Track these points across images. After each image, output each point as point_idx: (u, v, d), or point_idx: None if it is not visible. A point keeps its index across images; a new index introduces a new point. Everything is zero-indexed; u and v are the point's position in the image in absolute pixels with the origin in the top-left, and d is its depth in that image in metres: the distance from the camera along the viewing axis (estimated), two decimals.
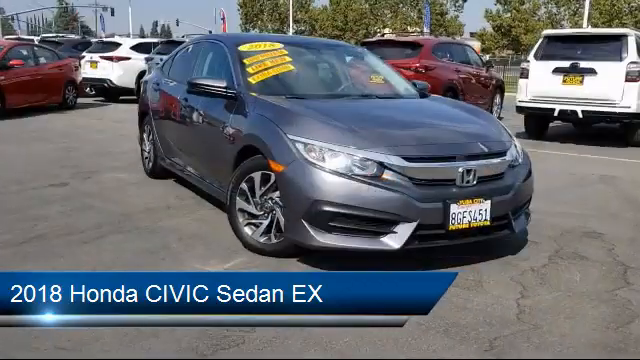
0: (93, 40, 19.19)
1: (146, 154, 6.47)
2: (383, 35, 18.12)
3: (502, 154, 3.88)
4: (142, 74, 15.69)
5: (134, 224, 4.68)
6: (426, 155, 3.56)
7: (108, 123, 11.55)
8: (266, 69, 4.62)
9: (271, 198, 3.88)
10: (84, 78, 15.02)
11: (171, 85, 5.76)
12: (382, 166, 3.46)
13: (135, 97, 15.92)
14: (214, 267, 3.77)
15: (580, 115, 9.77)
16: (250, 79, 4.52)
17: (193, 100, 4.97)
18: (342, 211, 3.42)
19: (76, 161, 7.35)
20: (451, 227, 3.52)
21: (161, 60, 14.80)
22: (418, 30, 40.46)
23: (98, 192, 5.76)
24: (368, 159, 3.47)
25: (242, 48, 4.85)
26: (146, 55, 15.63)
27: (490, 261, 3.96)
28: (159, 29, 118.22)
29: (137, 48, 16.51)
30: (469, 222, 3.57)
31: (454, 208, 3.49)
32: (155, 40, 18.14)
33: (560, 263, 4.00)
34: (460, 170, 3.56)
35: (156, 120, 6.01)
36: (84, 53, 16.50)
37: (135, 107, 7.11)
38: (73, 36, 22.76)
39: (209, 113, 4.73)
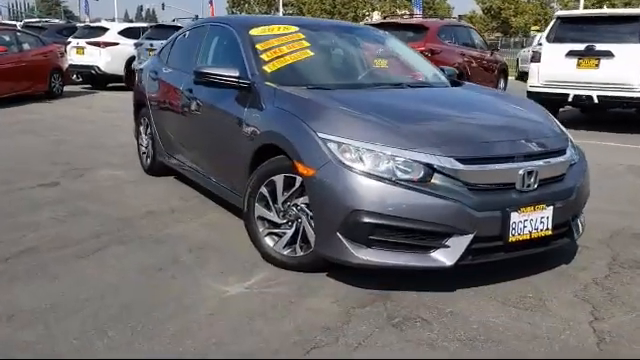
0: (79, 25, 18.42)
1: (143, 149, 5.93)
2: (385, 17, 17.53)
3: (562, 152, 3.39)
4: (131, 60, 15.10)
5: (136, 232, 4.16)
6: (482, 155, 3.06)
7: (98, 113, 10.94)
8: (282, 56, 4.09)
9: (296, 205, 3.38)
10: (70, 65, 14.35)
11: (172, 74, 5.21)
12: (431, 169, 2.97)
13: (124, 84, 15.35)
14: (234, 286, 3.27)
15: (596, 100, 9.32)
16: (265, 67, 3.99)
17: (199, 91, 4.44)
18: (385, 222, 2.93)
19: (67, 156, 6.79)
20: (511, 239, 3.04)
21: (151, 45, 14.30)
22: (407, 13, 39.76)
23: (93, 193, 5.22)
24: (414, 161, 2.97)
25: (254, 32, 4.32)
26: (135, 40, 14.97)
27: (544, 273, 3.50)
28: (144, 14, 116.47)
29: (125, 33, 15.80)
30: (530, 232, 3.09)
31: (514, 217, 3.01)
32: (144, 25, 17.42)
33: (623, 273, 3.54)
34: (520, 172, 3.07)
35: (155, 113, 5.47)
36: (70, 39, 15.79)
37: (125, 95, 6.62)
38: (57, 21, 21.91)
39: (218, 106, 4.20)
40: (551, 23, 10.12)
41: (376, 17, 45.11)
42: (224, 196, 4.32)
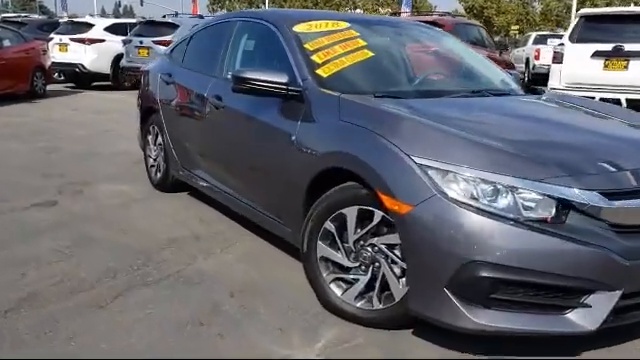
0: (61, 20, 17.42)
1: (152, 161, 5.19)
2: (395, 14, 16.87)
3: None
4: (118, 58, 14.24)
5: (160, 269, 3.44)
6: (628, 188, 2.40)
7: (87, 115, 10.10)
8: (337, 57, 3.40)
9: (373, 245, 2.70)
10: (53, 62, 13.44)
11: (191, 77, 4.48)
12: (565, 206, 2.31)
13: (110, 83, 14.48)
14: (301, 350, 2.58)
15: (624, 104, 8.76)
16: (319, 71, 3.30)
17: (231, 98, 3.73)
18: (511, 277, 2.26)
19: (60, 167, 6.01)
20: None
21: (141, 43, 13.45)
22: (390, 11, 39.13)
23: (97, 214, 4.48)
24: (545, 195, 2.30)
25: (298, 29, 3.62)
26: (123, 37, 14.10)
27: None
28: (121, 9, 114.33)
29: (112, 29, 14.89)
30: None
31: None
32: (132, 21, 16.48)
33: None
34: None
35: (169, 121, 4.74)
36: (52, 35, 14.86)
37: (112, 95, 5.93)
38: (37, 16, 20.84)
39: (259, 118, 3.48)
40: (574, 22, 9.57)
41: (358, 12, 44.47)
42: (265, 225, 3.62)
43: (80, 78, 14.79)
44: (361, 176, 2.65)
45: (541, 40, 21.25)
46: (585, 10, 9.97)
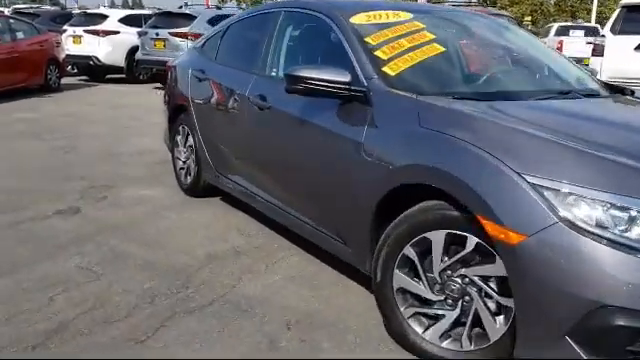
0: (75, 12, 16.99)
1: (181, 163, 4.79)
2: None
3: None
4: (133, 50, 13.83)
5: (202, 293, 3.04)
6: None
7: (104, 110, 9.72)
8: (405, 52, 2.98)
9: (463, 276, 2.29)
10: (66, 55, 13.06)
11: (228, 74, 4.08)
12: None
13: (124, 76, 14.09)
14: None
15: None
16: (386, 69, 2.87)
17: (277, 98, 3.33)
18: None
19: (80, 168, 5.63)
20: None
21: (157, 35, 13.01)
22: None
23: (125, 224, 4.09)
24: None
25: (356, 20, 3.20)
26: (138, 29, 13.69)
27: None
28: (130, 1, 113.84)
29: (126, 21, 14.48)
30: None
31: None
32: (147, 12, 16.07)
33: None
34: None
35: (202, 121, 4.34)
36: (66, 26, 14.48)
37: (127, 88, 5.62)
38: (49, 8, 20.42)
39: (315, 122, 3.06)
40: (615, 13, 9.07)
41: None
42: (317, 241, 3.21)
43: (94, 71, 14.42)
44: (453, 195, 2.24)
45: (563, 31, 20.68)
46: (627, 0, 9.44)
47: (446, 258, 2.33)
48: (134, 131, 7.74)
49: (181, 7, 15.51)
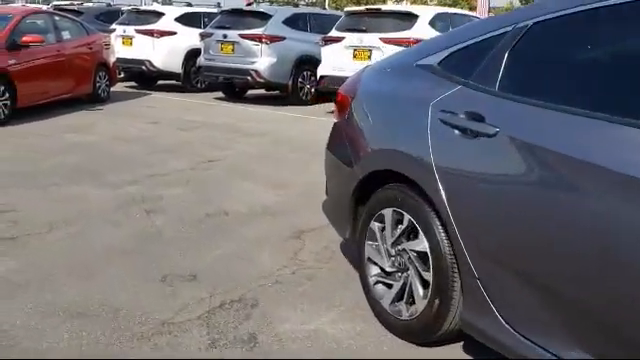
0: (124, 8, 14.94)
1: (381, 274, 2.63)
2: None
3: None
4: (190, 54, 11.77)
5: None
6: None
7: (173, 131, 7.63)
8: None
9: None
10: (117, 59, 11.06)
11: (556, 125, 1.90)
12: None
13: (180, 84, 12.03)
14: None
15: None
16: None
17: None
18: None
19: (172, 248, 3.56)
20: None
21: (224, 37, 10.84)
22: None
23: None
24: None
25: None
26: (201, 30, 11.64)
27: None
28: None
29: (184, 20, 12.40)
30: None
31: None
32: (208, 10, 13.96)
33: None
34: None
35: (468, 212, 2.17)
36: (114, 25, 12.50)
37: (183, 99, 4.80)
38: (91, 4, 18.40)
39: None
40: None
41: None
42: None
43: (144, 77, 12.42)
44: None
45: None
46: None
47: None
48: (225, 168, 5.67)
49: (250, 4, 13.37)
